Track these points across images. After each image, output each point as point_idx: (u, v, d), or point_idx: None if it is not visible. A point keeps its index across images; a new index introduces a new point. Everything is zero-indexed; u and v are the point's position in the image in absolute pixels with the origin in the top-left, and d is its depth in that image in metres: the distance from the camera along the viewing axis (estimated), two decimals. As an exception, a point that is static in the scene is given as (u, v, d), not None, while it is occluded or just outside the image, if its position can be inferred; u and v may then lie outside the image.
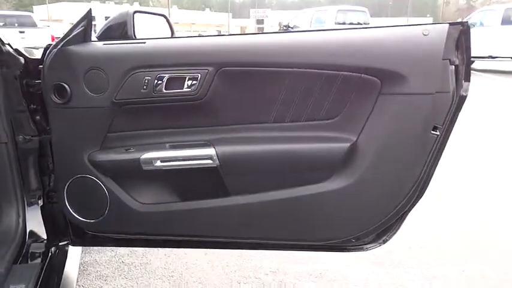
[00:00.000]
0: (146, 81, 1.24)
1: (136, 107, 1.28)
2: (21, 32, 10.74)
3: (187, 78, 1.24)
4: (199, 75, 1.23)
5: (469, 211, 2.71)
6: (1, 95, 1.34)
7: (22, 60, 1.36)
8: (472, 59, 1.27)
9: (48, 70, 1.28)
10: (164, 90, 1.25)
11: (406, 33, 1.18)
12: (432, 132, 1.16)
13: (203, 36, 1.44)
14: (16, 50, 1.35)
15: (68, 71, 1.27)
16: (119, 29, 1.41)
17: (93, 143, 1.33)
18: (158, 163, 1.27)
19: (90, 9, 1.31)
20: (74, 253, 1.60)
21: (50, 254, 1.47)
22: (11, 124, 1.40)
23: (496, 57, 12.19)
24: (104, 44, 1.30)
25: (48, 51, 1.30)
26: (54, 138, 1.35)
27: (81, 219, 1.38)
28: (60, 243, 1.51)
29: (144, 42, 1.29)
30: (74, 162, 1.34)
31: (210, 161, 1.25)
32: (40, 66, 1.33)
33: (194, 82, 1.24)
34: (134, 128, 1.33)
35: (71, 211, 1.38)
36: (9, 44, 1.33)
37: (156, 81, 1.24)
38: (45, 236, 1.48)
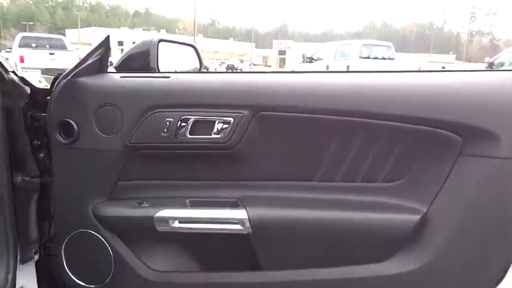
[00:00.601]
0: (168, 123, 1.03)
1: (153, 152, 1.07)
2: (51, 53, 10.99)
3: (217, 122, 1.02)
4: (232, 119, 1.01)
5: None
6: (0, 129, 1.15)
7: (28, 90, 1.18)
8: None
9: (55, 103, 1.09)
10: (188, 135, 1.03)
11: (495, 79, 0.94)
12: None
13: (238, 71, 1.23)
14: (22, 79, 1.17)
15: (77, 106, 1.07)
16: (140, 60, 1.22)
17: (100, 192, 1.12)
18: (176, 224, 1.04)
19: (108, 36, 1.12)
20: None
21: None
22: (9, 162, 1.20)
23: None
24: (122, 77, 1.11)
25: (57, 82, 1.11)
26: (55, 183, 1.14)
27: (80, 283, 1.14)
28: None
29: (169, 77, 1.08)
30: (76, 213, 1.13)
31: (239, 227, 1.01)
32: (48, 97, 1.14)
33: (225, 127, 1.02)
34: (149, 177, 1.12)
35: (69, 272, 1.15)
36: (14, 72, 1.15)
37: (179, 123, 1.03)
38: None
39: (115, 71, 1.21)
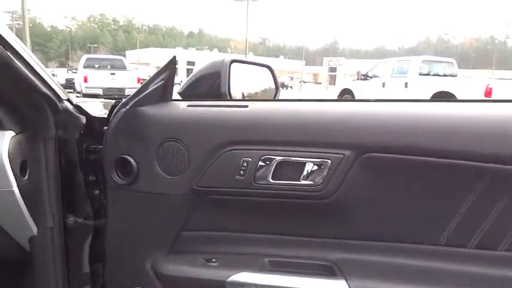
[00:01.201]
0: (245, 163, 0.83)
1: (226, 199, 0.87)
2: (112, 73, 11.54)
3: (308, 164, 0.80)
4: (329, 161, 0.79)
5: None
6: (52, 164, 1.00)
7: (83, 119, 1.03)
8: None
9: (112, 136, 0.93)
10: (271, 180, 0.82)
11: None
12: None
13: (338, 100, 1.00)
14: (77, 107, 1.02)
15: (137, 141, 0.90)
16: (209, 84, 1.04)
17: (161, 243, 0.93)
18: None
19: (175, 56, 0.94)
20: None
21: None
22: (62, 201, 1.05)
23: None
24: (189, 106, 0.92)
25: (115, 111, 0.95)
26: (109, 228, 0.97)
27: None
28: None
29: (246, 106, 0.88)
30: (132, 266, 0.94)
31: None
32: (105, 127, 0.98)
33: (319, 171, 0.79)
34: (220, 228, 0.91)
35: None
36: (68, 100, 1.00)
37: (259, 164, 0.82)
38: None
39: (180, 98, 1.04)
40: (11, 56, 0.81)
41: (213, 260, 0.89)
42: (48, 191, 1.01)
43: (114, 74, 11.45)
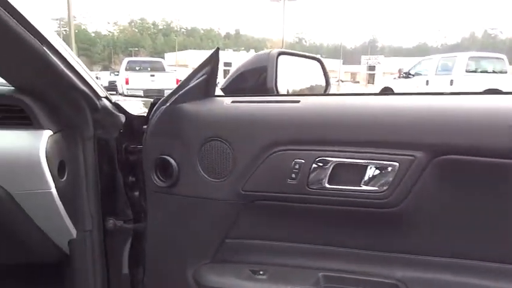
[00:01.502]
0: (297, 166, 0.74)
1: (275, 205, 0.78)
2: (152, 75, 11.86)
3: (370, 168, 0.69)
4: (397, 164, 0.68)
5: None
6: (91, 165, 0.96)
7: (123, 118, 0.97)
8: None
9: (152, 135, 0.86)
10: (327, 185, 0.72)
11: None
12: None
13: (406, 93, 0.88)
14: (116, 105, 0.97)
15: (178, 140, 0.83)
16: (254, 78, 0.96)
17: (203, 251, 0.86)
18: None
19: (218, 48, 0.87)
20: None
21: None
22: (101, 203, 1.01)
23: None
24: (234, 102, 0.84)
25: (155, 108, 0.89)
26: (149, 234, 0.91)
27: None
28: None
29: (298, 101, 0.79)
30: (172, 275, 0.88)
31: None
32: (145, 126, 0.93)
33: (384, 175, 0.69)
34: (268, 237, 0.83)
35: None
36: (107, 98, 0.95)
37: (313, 166, 0.73)
38: None
39: (223, 94, 0.96)
40: (47, 51, 0.76)
41: (261, 273, 0.80)
42: (87, 193, 0.96)
43: (153, 75, 11.78)
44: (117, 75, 15.83)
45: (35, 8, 0.74)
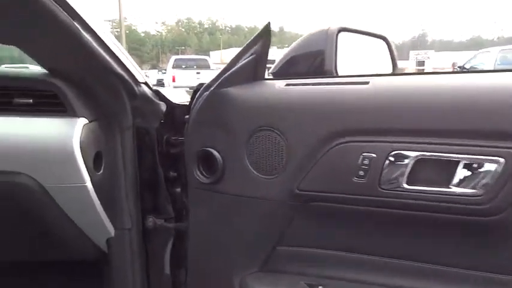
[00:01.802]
0: (366, 161, 0.61)
1: (338, 208, 0.66)
2: (197, 73, 12.19)
3: (463, 165, 0.55)
4: (501, 159, 0.53)
5: None
6: (130, 157, 0.88)
7: (164, 106, 0.89)
8: None
9: (194, 126, 0.77)
10: (405, 185, 0.59)
11: None
12: None
13: (504, 70, 0.72)
14: (156, 92, 0.88)
15: (222, 130, 0.73)
16: (310, 60, 0.83)
17: (251, 258, 0.75)
18: None
19: (269, 23, 0.75)
20: None
21: None
22: (140, 200, 0.93)
23: None
24: (288, 85, 0.72)
25: (197, 95, 0.79)
26: (191, 235, 0.82)
27: None
28: None
29: (367, 83, 0.65)
30: (216, 282, 0.78)
31: None
32: (187, 116, 0.83)
33: (483, 175, 0.54)
34: (328, 246, 0.70)
35: None
36: (146, 83, 0.87)
37: (387, 162, 0.59)
38: None
39: (273, 77, 0.85)
40: (81, 30, 0.69)
41: (319, 287, 0.68)
42: (126, 188, 0.89)
43: (199, 73, 12.10)
44: (165, 73, 16.36)
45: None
